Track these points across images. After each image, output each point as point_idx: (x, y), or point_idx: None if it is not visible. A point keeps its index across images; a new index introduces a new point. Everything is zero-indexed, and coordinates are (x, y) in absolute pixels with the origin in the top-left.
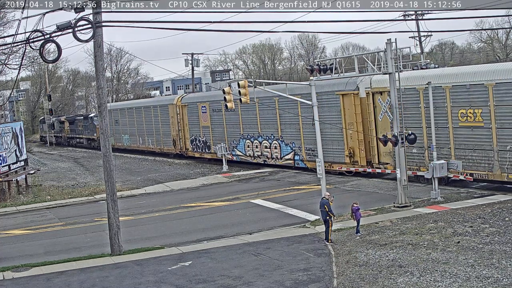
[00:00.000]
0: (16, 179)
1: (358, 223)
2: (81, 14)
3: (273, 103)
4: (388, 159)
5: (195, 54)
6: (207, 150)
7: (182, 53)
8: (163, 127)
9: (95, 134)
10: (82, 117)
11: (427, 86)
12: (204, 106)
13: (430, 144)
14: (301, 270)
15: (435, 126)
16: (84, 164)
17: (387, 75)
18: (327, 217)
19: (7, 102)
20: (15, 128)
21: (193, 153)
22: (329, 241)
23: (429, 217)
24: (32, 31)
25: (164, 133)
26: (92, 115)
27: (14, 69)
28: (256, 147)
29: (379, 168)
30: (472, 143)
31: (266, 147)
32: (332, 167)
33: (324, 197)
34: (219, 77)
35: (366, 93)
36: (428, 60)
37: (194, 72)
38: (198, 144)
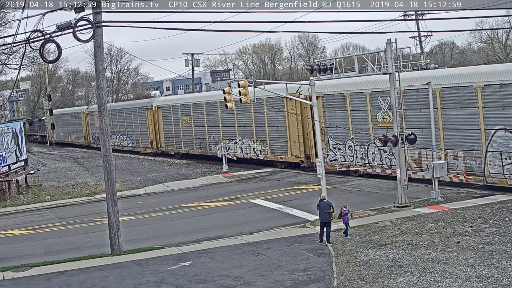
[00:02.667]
0: (16, 179)
1: (347, 226)
2: (81, 14)
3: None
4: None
5: (195, 54)
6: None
7: (182, 53)
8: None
9: (45, 132)
10: (38, 119)
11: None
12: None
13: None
14: (301, 270)
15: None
16: (84, 164)
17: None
18: (330, 218)
19: (7, 102)
20: (15, 128)
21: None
22: (330, 242)
23: (429, 217)
24: (32, 31)
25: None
26: (43, 118)
27: (14, 69)
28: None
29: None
30: None
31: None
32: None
33: (324, 199)
34: (219, 77)
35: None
36: (428, 60)
37: (194, 72)
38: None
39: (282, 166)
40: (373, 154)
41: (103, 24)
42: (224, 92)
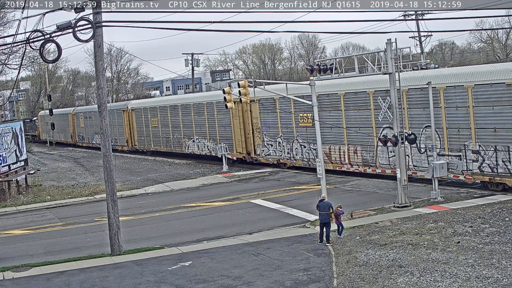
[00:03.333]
0: (16, 179)
1: (341, 226)
2: (81, 14)
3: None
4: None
5: (195, 54)
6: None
7: (182, 53)
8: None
9: (36, 132)
10: (29, 120)
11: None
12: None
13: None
14: (301, 270)
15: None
16: (84, 164)
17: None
18: (330, 219)
19: (7, 102)
20: (15, 128)
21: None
22: (330, 242)
23: (429, 217)
24: (32, 31)
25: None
26: (35, 118)
27: (14, 69)
28: (183, 142)
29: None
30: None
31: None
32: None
33: (324, 199)
34: (219, 77)
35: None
36: (428, 60)
37: (194, 72)
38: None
39: (230, 161)
40: (296, 149)
41: (103, 24)
42: (224, 92)
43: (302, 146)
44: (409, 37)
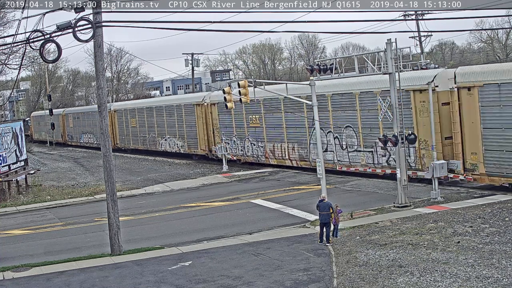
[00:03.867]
0: (16, 179)
1: (336, 226)
2: (81, 14)
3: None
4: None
5: (195, 54)
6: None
7: (182, 53)
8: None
9: (29, 132)
10: (22, 120)
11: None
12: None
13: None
14: (301, 270)
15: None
16: (84, 164)
17: (220, 92)
18: (330, 219)
19: (7, 102)
20: (15, 128)
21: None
22: (330, 242)
23: (429, 217)
24: (32, 31)
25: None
26: (27, 119)
27: (14, 69)
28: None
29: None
30: None
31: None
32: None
33: (324, 199)
34: (219, 77)
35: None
36: (428, 60)
37: (194, 72)
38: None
39: (196, 158)
40: (248, 147)
41: (103, 24)
42: (224, 92)
43: (252, 144)
44: (409, 37)
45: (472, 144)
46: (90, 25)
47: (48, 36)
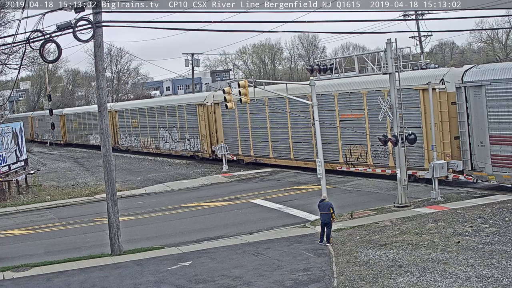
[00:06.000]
0: (16, 179)
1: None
2: (81, 14)
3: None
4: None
5: (195, 54)
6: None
7: (182, 53)
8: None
9: None
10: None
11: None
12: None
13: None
14: (301, 270)
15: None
16: (84, 164)
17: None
18: (331, 219)
19: (7, 102)
20: (15, 128)
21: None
22: (330, 242)
23: (429, 217)
24: (32, 31)
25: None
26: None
27: (14, 69)
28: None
29: (200, 153)
30: None
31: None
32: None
33: (324, 199)
34: (219, 77)
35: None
36: (428, 60)
37: (194, 72)
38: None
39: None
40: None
41: (103, 24)
42: (224, 92)
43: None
44: (409, 37)
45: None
46: (90, 25)
47: (48, 36)
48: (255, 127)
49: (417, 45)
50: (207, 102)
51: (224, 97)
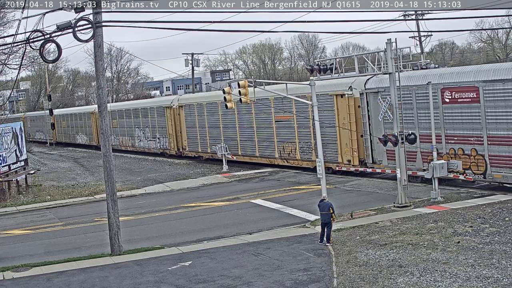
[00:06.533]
0: (16, 179)
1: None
2: (81, 14)
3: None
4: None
5: (195, 54)
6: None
7: (182, 53)
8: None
9: None
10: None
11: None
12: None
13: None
14: (301, 270)
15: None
16: (84, 164)
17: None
18: (331, 219)
19: (7, 102)
20: (15, 128)
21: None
22: (330, 242)
23: (429, 217)
24: (32, 31)
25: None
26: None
27: (14, 69)
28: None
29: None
30: None
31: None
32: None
33: (324, 199)
34: (219, 77)
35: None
36: (428, 60)
37: (194, 72)
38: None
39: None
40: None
41: (103, 24)
42: (224, 92)
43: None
44: (409, 37)
45: None
46: (90, 25)
47: (48, 36)
48: (211, 126)
49: (417, 45)
50: (174, 105)
51: (224, 97)
